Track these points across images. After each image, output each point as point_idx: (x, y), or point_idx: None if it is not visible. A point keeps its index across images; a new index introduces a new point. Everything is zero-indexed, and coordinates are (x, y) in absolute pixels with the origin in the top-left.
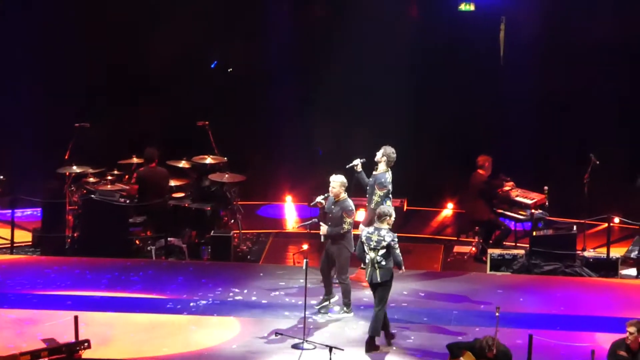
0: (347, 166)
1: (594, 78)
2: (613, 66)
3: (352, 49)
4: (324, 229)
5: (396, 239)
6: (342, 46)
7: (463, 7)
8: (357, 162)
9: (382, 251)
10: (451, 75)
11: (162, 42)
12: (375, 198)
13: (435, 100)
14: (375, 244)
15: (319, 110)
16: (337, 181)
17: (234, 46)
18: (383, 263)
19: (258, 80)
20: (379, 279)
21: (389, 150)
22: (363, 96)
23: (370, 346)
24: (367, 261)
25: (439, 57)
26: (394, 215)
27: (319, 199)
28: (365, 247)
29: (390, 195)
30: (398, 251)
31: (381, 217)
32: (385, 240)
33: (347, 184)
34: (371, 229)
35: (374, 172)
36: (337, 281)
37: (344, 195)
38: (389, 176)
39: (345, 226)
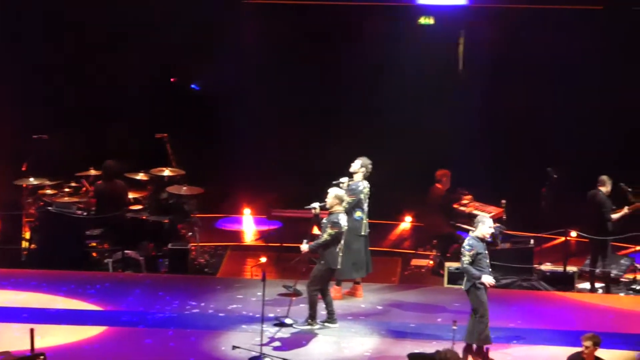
0: (334, 182)
1: (551, 93)
2: (569, 82)
3: (310, 65)
4: (304, 246)
5: (468, 247)
6: (299, 63)
7: (422, 20)
8: (316, 206)
9: (462, 257)
10: (410, 88)
11: (123, 56)
12: (343, 204)
13: (394, 114)
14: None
15: (279, 122)
16: (331, 193)
17: (194, 63)
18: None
19: (218, 94)
20: (463, 286)
21: (367, 161)
22: (324, 110)
23: (465, 352)
24: None
25: (398, 70)
26: (486, 222)
27: (314, 204)
28: None
29: (365, 208)
30: (465, 258)
31: (474, 223)
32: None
33: (342, 198)
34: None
35: (349, 182)
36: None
37: (338, 208)
38: (362, 185)
39: (325, 236)
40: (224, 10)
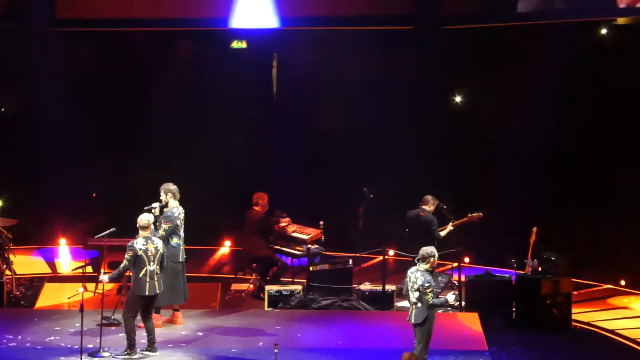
0: (146, 208)
1: (364, 113)
2: (385, 102)
3: (125, 91)
4: (103, 277)
5: (427, 284)
6: (114, 88)
7: (235, 44)
8: (155, 205)
9: (416, 293)
10: (222, 113)
11: None
12: (160, 232)
13: (208, 139)
14: (411, 284)
15: (92, 151)
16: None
17: (4, 89)
18: (419, 304)
19: (29, 122)
20: (412, 320)
21: (170, 185)
22: (137, 136)
23: None
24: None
25: (211, 95)
26: (437, 255)
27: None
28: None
29: (181, 233)
30: (428, 297)
31: (425, 258)
32: (417, 283)
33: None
34: (414, 268)
35: (165, 209)
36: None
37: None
38: (177, 211)
39: (124, 262)
40: (34, 37)
